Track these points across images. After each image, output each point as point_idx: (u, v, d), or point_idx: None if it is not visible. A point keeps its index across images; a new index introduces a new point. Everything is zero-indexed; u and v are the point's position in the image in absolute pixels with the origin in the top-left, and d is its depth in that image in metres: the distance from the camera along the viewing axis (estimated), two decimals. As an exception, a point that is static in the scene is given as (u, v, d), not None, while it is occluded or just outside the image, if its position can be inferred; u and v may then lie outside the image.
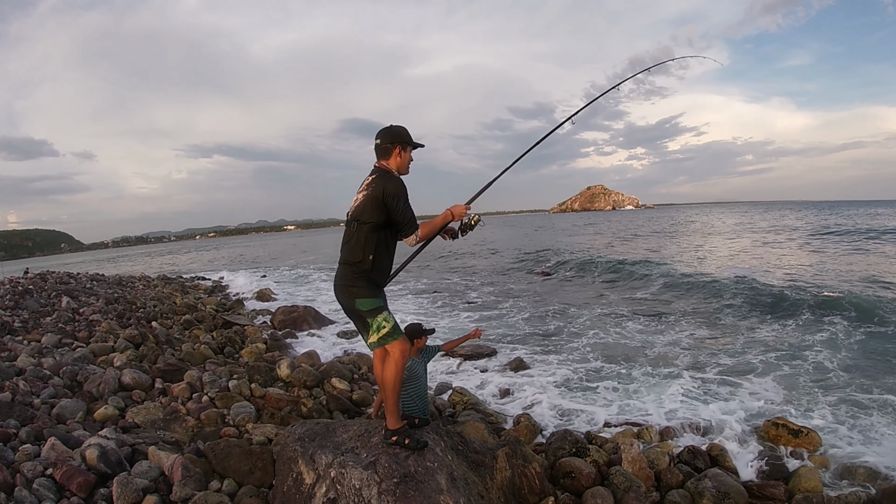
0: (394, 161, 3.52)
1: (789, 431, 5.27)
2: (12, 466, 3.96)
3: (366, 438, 3.63)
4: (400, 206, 3.38)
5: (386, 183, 3.38)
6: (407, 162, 3.58)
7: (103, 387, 6.10)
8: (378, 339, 3.43)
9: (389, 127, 3.57)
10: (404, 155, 3.54)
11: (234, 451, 4.37)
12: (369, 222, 3.39)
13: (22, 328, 9.65)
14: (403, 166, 3.57)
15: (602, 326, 11.25)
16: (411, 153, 3.62)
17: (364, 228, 3.40)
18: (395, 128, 3.56)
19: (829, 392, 6.68)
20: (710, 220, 55.08)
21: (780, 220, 43.44)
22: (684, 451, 5.04)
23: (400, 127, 3.58)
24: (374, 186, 3.39)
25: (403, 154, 3.54)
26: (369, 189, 3.41)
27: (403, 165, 3.57)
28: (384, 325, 3.43)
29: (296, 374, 7.21)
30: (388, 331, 3.43)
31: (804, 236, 30.34)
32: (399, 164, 3.54)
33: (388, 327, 3.43)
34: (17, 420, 4.91)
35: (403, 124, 3.58)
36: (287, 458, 3.61)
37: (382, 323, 3.43)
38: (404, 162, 3.56)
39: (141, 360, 7.42)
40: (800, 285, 13.58)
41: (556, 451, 4.83)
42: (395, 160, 3.52)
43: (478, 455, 3.90)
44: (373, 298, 3.44)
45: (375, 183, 3.40)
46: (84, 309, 12.17)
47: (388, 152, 3.52)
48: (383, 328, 3.42)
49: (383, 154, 3.53)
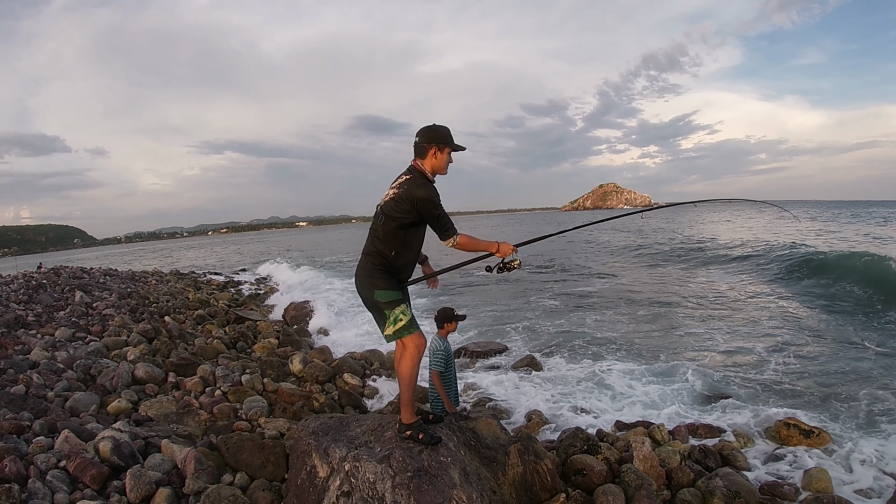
0: (429, 161, 3.46)
1: (801, 431, 5.23)
2: (26, 458, 4.00)
3: (379, 433, 3.63)
4: (434, 212, 3.35)
5: (416, 189, 3.34)
6: (444, 163, 3.51)
7: (117, 380, 6.15)
8: (394, 331, 3.43)
9: (431, 126, 3.50)
10: (440, 156, 3.47)
11: (247, 444, 4.39)
12: (397, 219, 3.38)
13: (36, 322, 9.76)
14: (440, 167, 3.50)
15: (614, 321, 11.21)
16: (450, 155, 3.54)
17: (391, 223, 3.40)
18: (436, 127, 3.50)
19: (843, 391, 6.61)
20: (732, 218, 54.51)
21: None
22: (695, 449, 5.00)
23: (442, 127, 3.51)
24: (405, 188, 3.36)
25: (439, 155, 3.46)
26: (401, 189, 3.38)
27: (439, 166, 3.50)
28: (401, 317, 3.43)
29: (308, 370, 7.24)
30: (404, 324, 3.43)
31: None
32: (434, 165, 3.47)
33: (404, 320, 3.43)
34: (30, 412, 4.96)
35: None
36: (301, 452, 3.62)
37: (400, 316, 3.42)
38: (440, 163, 3.49)
39: (154, 355, 7.47)
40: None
41: (568, 448, 4.80)
42: (431, 160, 3.46)
43: (490, 451, 3.89)
44: (392, 291, 3.45)
45: (407, 185, 3.37)
46: (97, 303, 12.28)
47: (424, 151, 3.46)
48: (400, 321, 3.42)
49: (419, 153, 3.48)
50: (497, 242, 3.62)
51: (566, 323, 11.41)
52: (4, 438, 4.20)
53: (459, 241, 3.43)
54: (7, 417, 4.66)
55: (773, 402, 6.38)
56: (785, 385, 6.97)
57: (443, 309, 4.60)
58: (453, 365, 4.53)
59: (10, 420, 4.59)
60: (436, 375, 4.35)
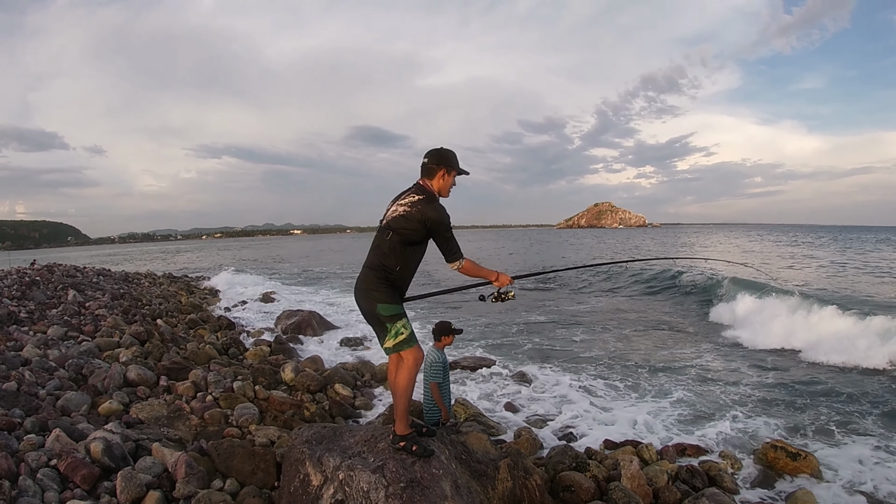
0: (437, 182, 3.57)
1: (787, 454, 5.27)
2: (17, 455, 3.98)
3: (372, 444, 3.66)
4: (445, 234, 3.47)
5: (430, 210, 3.43)
6: (449, 185, 3.63)
7: (108, 381, 6.13)
8: (394, 344, 3.48)
9: (440, 149, 3.62)
10: (447, 178, 3.59)
11: (238, 451, 4.39)
12: (404, 236, 3.45)
13: (28, 319, 9.71)
14: (445, 189, 3.62)
15: (604, 340, 11.26)
16: (455, 178, 3.66)
17: (397, 239, 3.46)
18: (445, 151, 3.62)
19: (827, 415, 6.69)
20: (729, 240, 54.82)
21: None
22: (683, 469, 5.05)
23: (449, 150, 3.63)
24: (417, 208, 3.43)
25: (447, 177, 3.58)
26: (412, 208, 3.45)
27: (445, 189, 3.61)
28: (402, 331, 3.48)
29: (299, 378, 7.24)
30: (404, 337, 3.48)
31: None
32: (441, 187, 3.59)
33: (405, 334, 3.49)
34: (22, 409, 4.94)
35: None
36: (294, 460, 3.64)
37: (401, 329, 3.48)
38: (447, 185, 3.61)
39: (146, 357, 7.46)
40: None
41: (557, 465, 4.85)
42: (438, 182, 3.57)
43: (480, 465, 3.91)
44: (394, 304, 3.50)
45: (420, 205, 3.44)
46: (90, 303, 12.24)
47: (432, 173, 3.57)
48: (401, 334, 3.48)
49: (428, 173, 3.58)
50: (497, 272, 3.74)
51: (556, 340, 11.47)
52: (-4, 435, 4.19)
53: (464, 266, 3.54)
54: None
55: (761, 424, 6.46)
56: (773, 407, 7.05)
57: (441, 322, 4.71)
58: (448, 376, 4.63)
59: (1, 416, 4.57)
60: (434, 386, 4.45)
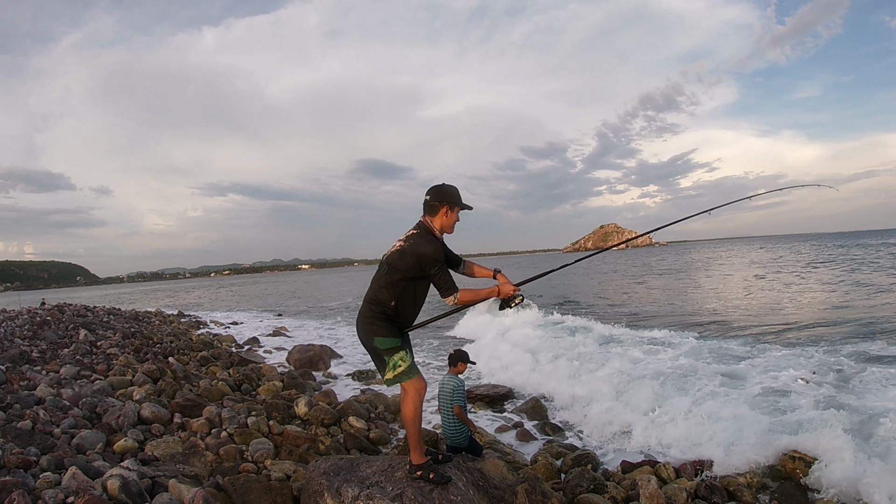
0: (439, 220, 3.59)
1: (806, 464, 5.20)
2: (34, 493, 3.97)
3: (389, 473, 3.65)
4: (436, 271, 3.45)
5: (423, 246, 3.44)
6: (452, 222, 3.64)
7: (123, 419, 6.13)
8: (393, 376, 3.51)
9: (441, 185, 3.64)
10: (450, 215, 3.60)
11: (254, 486, 4.37)
12: (400, 272, 3.48)
13: (40, 358, 9.74)
14: (448, 226, 3.63)
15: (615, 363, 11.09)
16: (458, 214, 3.66)
17: (394, 275, 3.49)
18: (446, 187, 3.63)
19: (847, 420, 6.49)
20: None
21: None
22: (702, 485, 4.99)
23: (451, 186, 3.64)
24: (411, 243, 3.47)
25: (450, 214, 3.60)
26: (407, 243, 3.49)
27: (448, 225, 3.63)
28: (400, 363, 3.50)
29: (313, 412, 7.20)
30: (403, 370, 3.50)
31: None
32: (443, 224, 3.60)
33: (403, 366, 3.51)
34: (37, 448, 4.94)
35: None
36: (312, 492, 3.63)
37: (399, 362, 3.50)
38: (449, 222, 3.62)
39: (159, 395, 7.46)
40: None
41: (575, 488, 4.80)
42: (441, 219, 3.59)
43: (498, 491, 3.89)
44: (391, 338, 3.52)
45: (414, 241, 3.48)
46: (101, 342, 12.28)
47: (434, 210, 3.58)
48: (399, 367, 3.50)
49: (430, 211, 3.60)
50: (497, 287, 3.71)
51: (572, 363, 11.32)
52: (12, 472, 4.19)
53: (459, 298, 3.51)
54: (14, 452, 4.65)
55: (779, 433, 6.21)
56: (791, 415, 6.81)
57: (458, 350, 4.74)
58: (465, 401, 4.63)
59: (17, 454, 4.58)
60: (459, 409, 4.43)
